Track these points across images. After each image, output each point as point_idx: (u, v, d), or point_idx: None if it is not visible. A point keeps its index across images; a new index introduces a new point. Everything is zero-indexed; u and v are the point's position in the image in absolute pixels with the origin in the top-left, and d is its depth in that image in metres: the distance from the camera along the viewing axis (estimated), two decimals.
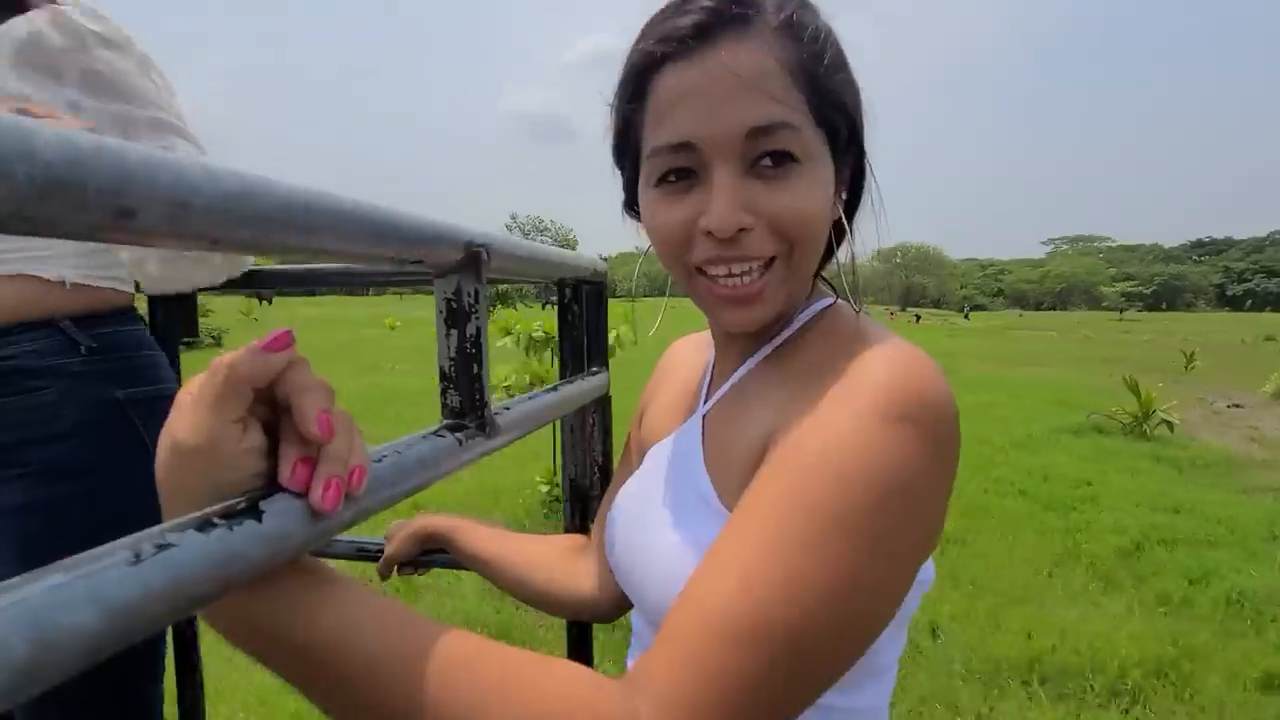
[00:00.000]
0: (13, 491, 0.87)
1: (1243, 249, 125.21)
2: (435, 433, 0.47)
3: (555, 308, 0.91)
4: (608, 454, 0.96)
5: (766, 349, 0.59)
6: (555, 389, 0.75)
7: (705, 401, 0.63)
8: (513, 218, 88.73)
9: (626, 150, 0.57)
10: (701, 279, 0.54)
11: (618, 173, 0.61)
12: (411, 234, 0.43)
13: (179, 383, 1.06)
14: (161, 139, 0.88)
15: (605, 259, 0.93)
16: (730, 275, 0.52)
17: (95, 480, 0.90)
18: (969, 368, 12.57)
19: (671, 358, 0.77)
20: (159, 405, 0.98)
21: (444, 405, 0.51)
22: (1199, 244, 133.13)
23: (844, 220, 0.58)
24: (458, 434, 0.49)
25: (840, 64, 0.53)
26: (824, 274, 0.63)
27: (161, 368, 1.01)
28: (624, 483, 0.70)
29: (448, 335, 0.50)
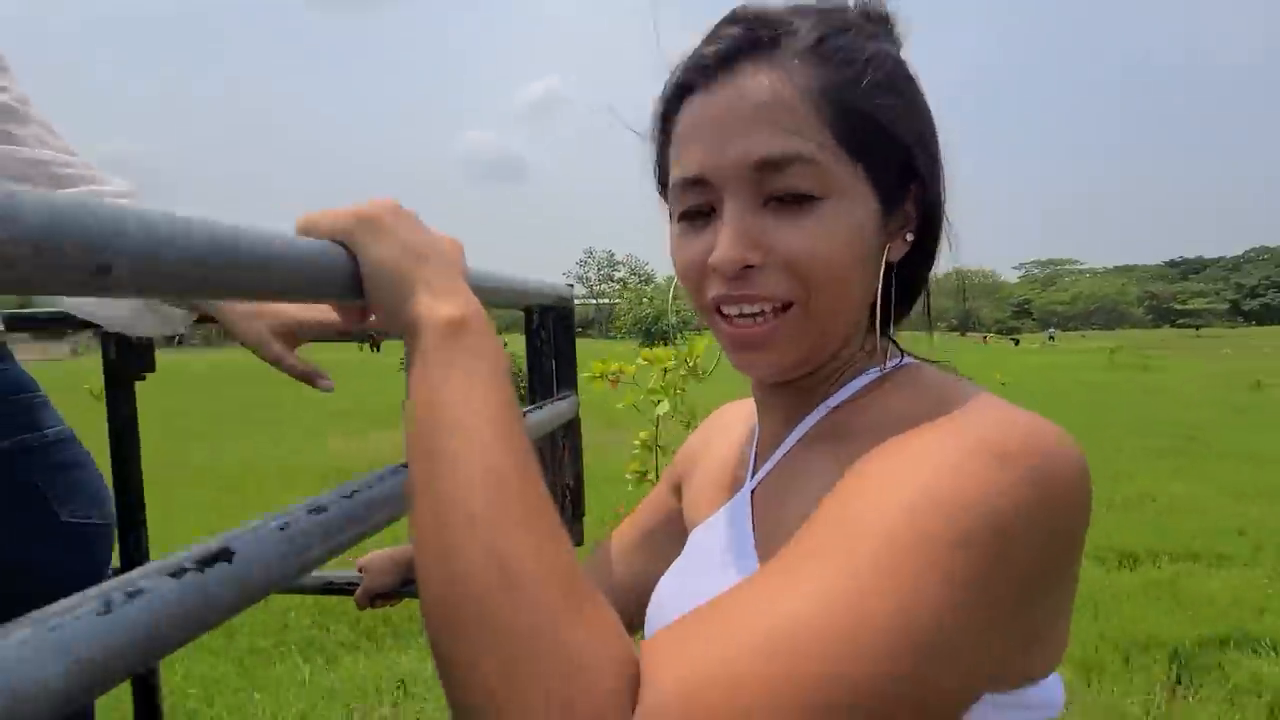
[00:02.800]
0: None
1: (1222, 267, 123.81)
2: (404, 465, 0.48)
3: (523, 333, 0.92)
4: (579, 477, 0.97)
5: (819, 411, 0.52)
6: (525, 415, 0.75)
7: (752, 475, 0.56)
8: (588, 253, 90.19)
9: (664, 183, 0.54)
10: (717, 318, 0.50)
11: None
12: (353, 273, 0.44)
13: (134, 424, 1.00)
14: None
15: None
16: (741, 315, 0.48)
17: None
18: None
19: (718, 419, 0.70)
20: (54, 451, 0.88)
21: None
22: (1174, 263, 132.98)
23: (907, 266, 0.51)
24: None
25: (889, 88, 0.47)
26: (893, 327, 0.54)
27: (46, 410, 0.91)
28: (647, 524, 0.69)
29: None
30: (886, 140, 0.47)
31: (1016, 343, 46.88)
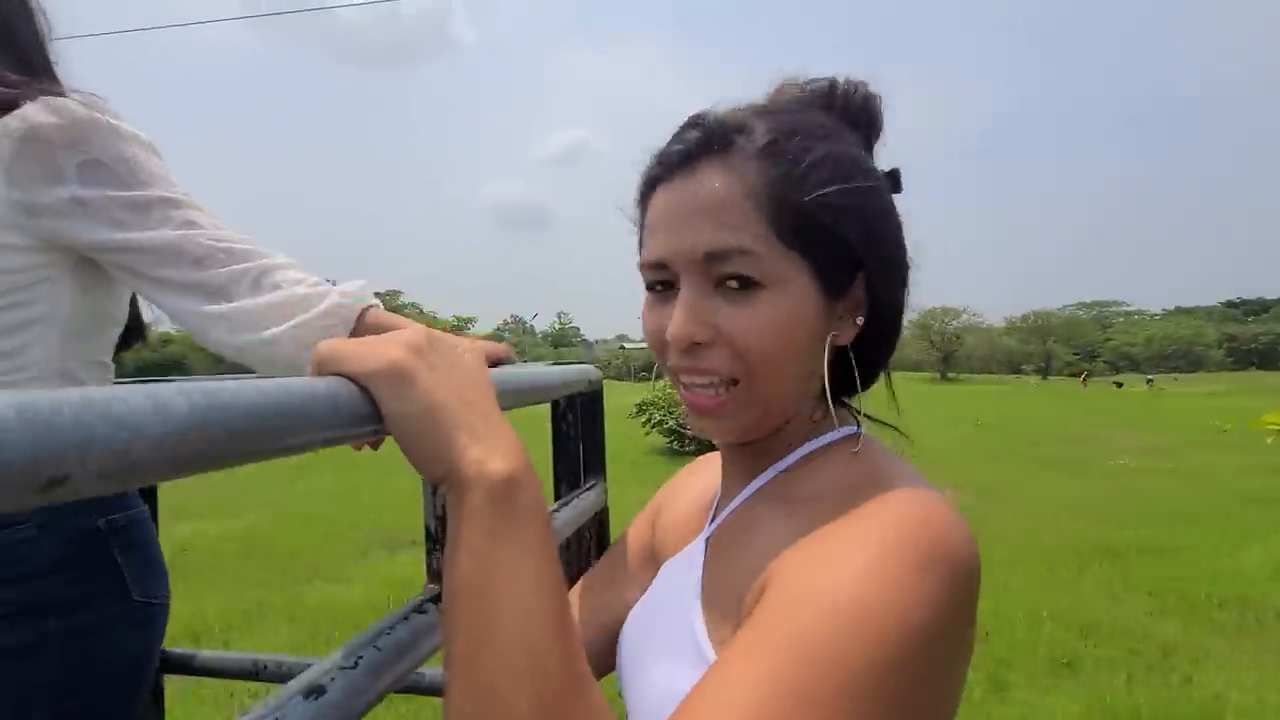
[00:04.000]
0: None
1: None
2: (418, 609, 0.43)
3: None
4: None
5: (769, 473, 0.57)
6: (553, 514, 0.70)
7: (711, 522, 0.61)
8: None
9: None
10: (678, 383, 0.55)
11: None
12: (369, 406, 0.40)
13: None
14: (175, 215, 0.83)
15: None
16: (694, 385, 0.53)
17: (74, 617, 0.83)
18: None
19: (702, 463, 0.75)
20: (134, 530, 0.91)
21: (429, 569, 0.47)
22: (1233, 304, 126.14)
23: (832, 351, 0.54)
24: (439, 605, 0.44)
25: (836, 191, 0.51)
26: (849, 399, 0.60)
27: (133, 489, 0.96)
28: (624, 559, 0.72)
29: (434, 493, 0.46)
30: (827, 234, 0.50)
31: (1120, 385, 44.00)
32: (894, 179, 0.58)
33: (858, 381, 0.57)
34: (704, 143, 0.52)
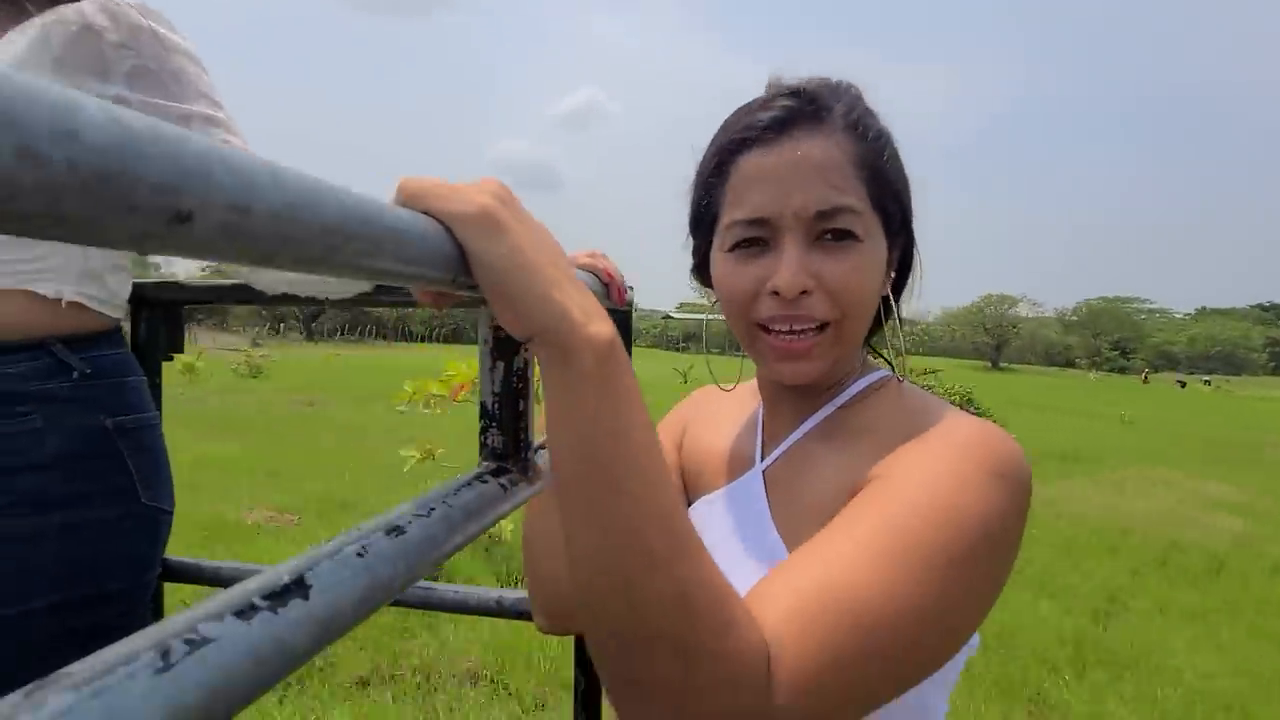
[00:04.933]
0: None
1: None
2: (479, 477, 0.42)
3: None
4: None
5: (826, 409, 0.62)
6: None
7: (763, 459, 0.65)
8: None
9: (703, 221, 0.64)
10: (762, 334, 0.59)
11: (689, 240, 0.68)
12: (457, 252, 0.38)
13: (158, 408, 0.99)
14: (214, 132, 0.85)
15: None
16: (791, 332, 0.57)
17: (75, 512, 0.83)
18: None
19: (708, 404, 0.77)
20: (144, 434, 0.91)
21: (484, 445, 0.46)
22: (1265, 307, 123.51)
23: (890, 297, 0.63)
24: (501, 479, 0.43)
25: (896, 159, 0.60)
26: (883, 344, 0.70)
27: (146, 394, 0.95)
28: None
29: (493, 368, 0.45)
30: (895, 199, 0.59)
31: (1183, 385, 43.34)
32: None
33: (891, 323, 0.64)
34: (799, 112, 0.57)
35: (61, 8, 0.78)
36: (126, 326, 0.99)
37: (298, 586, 0.25)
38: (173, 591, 1.10)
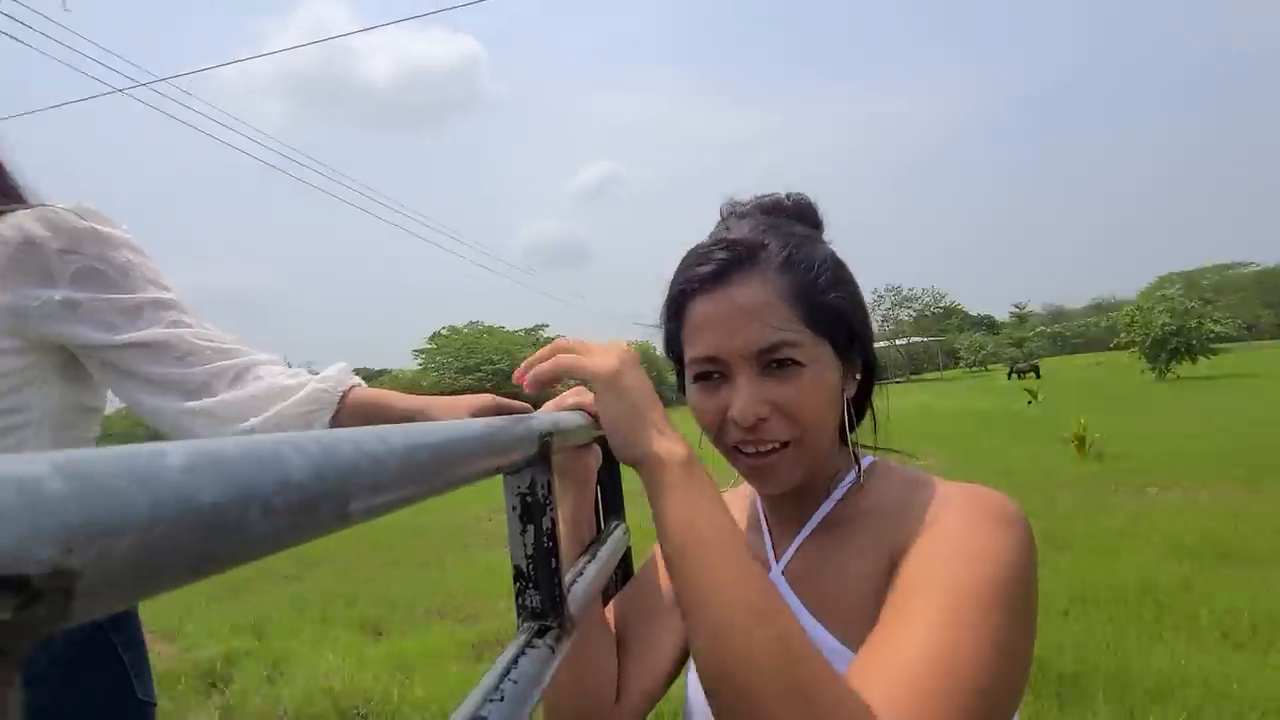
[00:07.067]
0: None
1: None
2: (528, 644, 0.44)
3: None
4: None
5: (826, 505, 0.69)
6: (582, 569, 0.71)
7: (778, 560, 0.71)
8: (880, 290, 71.25)
9: (673, 352, 0.73)
10: (736, 454, 0.67)
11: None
12: (486, 443, 0.41)
13: None
14: (165, 315, 0.86)
15: None
16: (756, 453, 0.65)
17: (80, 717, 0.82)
18: None
19: None
20: (131, 626, 0.90)
21: (521, 607, 0.48)
22: None
23: (848, 404, 0.69)
24: (545, 639, 0.46)
25: (837, 283, 0.66)
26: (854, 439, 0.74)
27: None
28: (657, 594, 0.76)
29: (523, 532, 0.48)
30: (839, 319, 0.65)
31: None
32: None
33: (860, 421, 0.74)
34: (732, 261, 0.64)
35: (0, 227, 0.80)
36: None
37: None
38: None
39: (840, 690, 0.46)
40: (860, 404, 0.73)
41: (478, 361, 33.90)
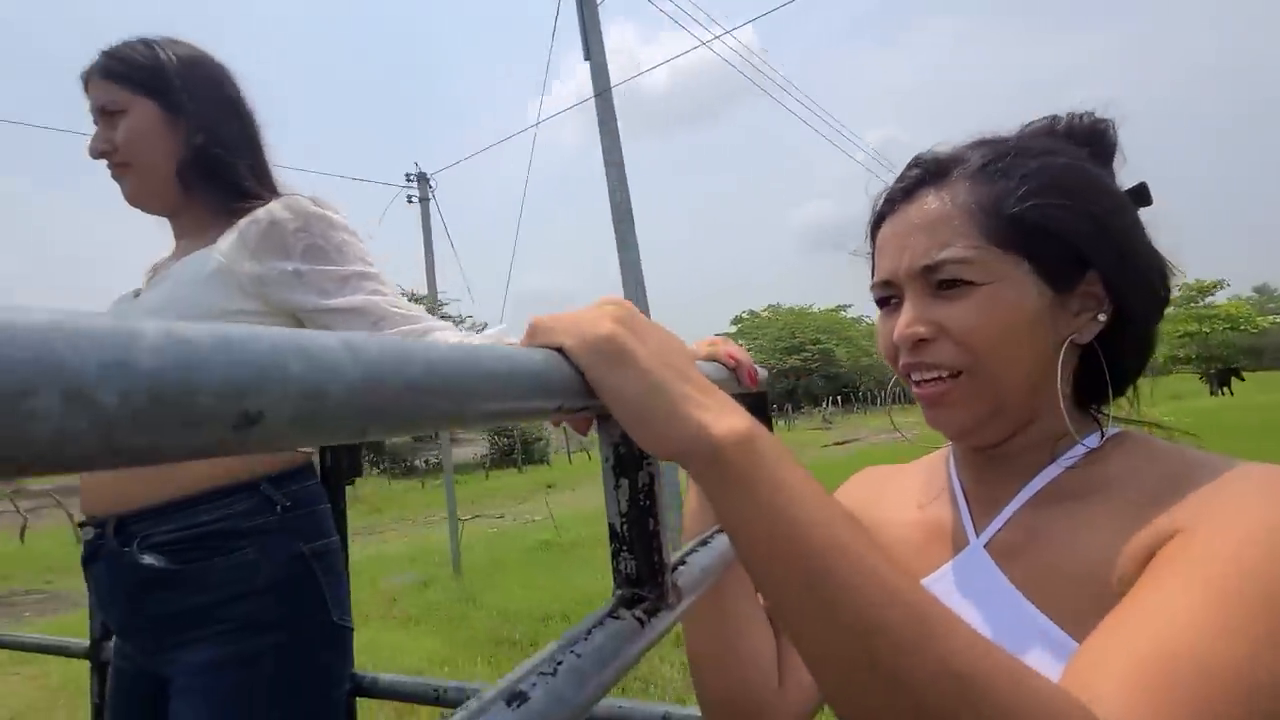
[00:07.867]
0: (209, 648, 0.91)
1: None
2: (611, 613, 0.38)
3: None
4: None
5: (1051, 470, 0.58)
6: (687, 557, 0.64)
7: (978, 533, 0.60)
8: None
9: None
10: (910, 382, 0.61)
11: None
12: (579, 384, 0.36)
13: (341, 531, 1.09)
14: (367, 285, 1.02)
15: None
16: (922, 380, 0.58)
17: (285, 632, 0.93)
18: None
19: (875, 484, 0.75)
20: (331, 557, 1.01)
21: (617, 572, 0.43)
22: None
23: (1096, 345, 0.57)
24: (636, 610, 0.40)
25: (1053, 191, 0.55)
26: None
27: (330, 519, 1.05)
28: None
29: (617, 486, 0.42)
30: (1047, 235, 0.54)
31: None
32: (1138, 195, 0.60)
33: (1109, 384, 0.58)
34: (922, 177, 0.60)
35: (256, 211, 1.00)
36: (314, 457, 1.11)
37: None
38: (364, 706, 1.15)
39: (1046, 690, 0.34)
40: (1116, 358, 0.58)
41: (801, 341, 37.61)
